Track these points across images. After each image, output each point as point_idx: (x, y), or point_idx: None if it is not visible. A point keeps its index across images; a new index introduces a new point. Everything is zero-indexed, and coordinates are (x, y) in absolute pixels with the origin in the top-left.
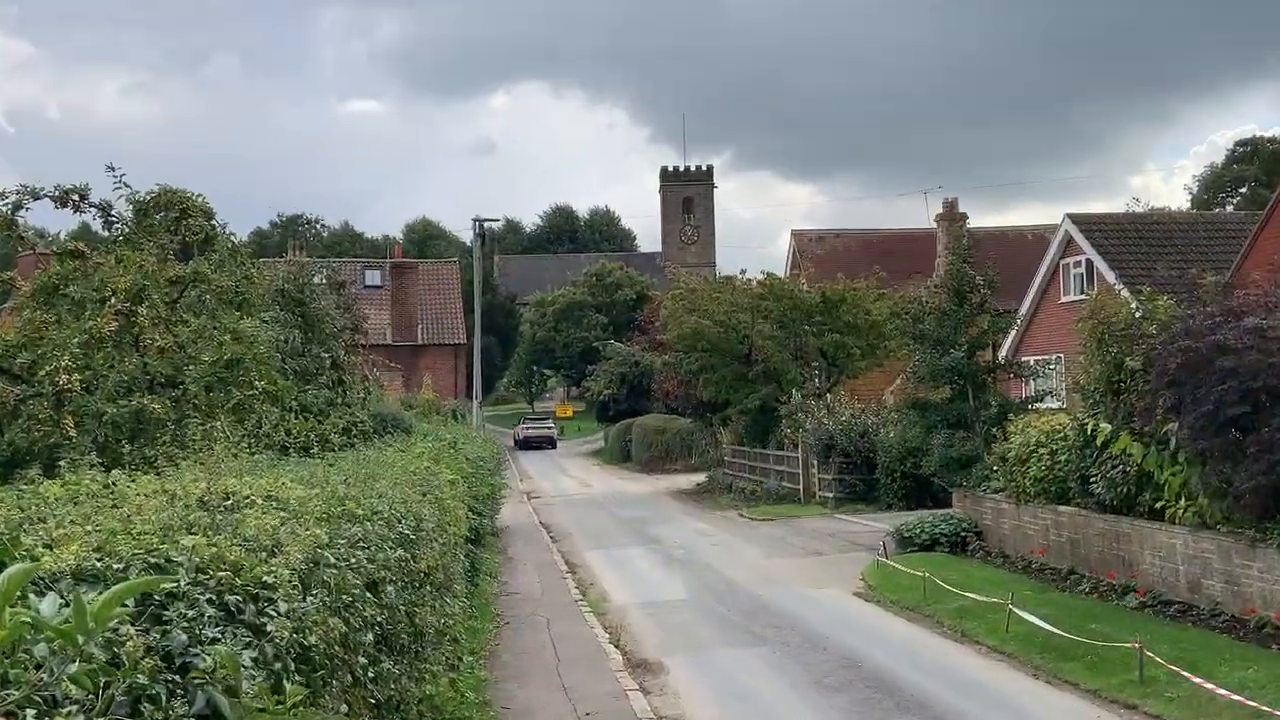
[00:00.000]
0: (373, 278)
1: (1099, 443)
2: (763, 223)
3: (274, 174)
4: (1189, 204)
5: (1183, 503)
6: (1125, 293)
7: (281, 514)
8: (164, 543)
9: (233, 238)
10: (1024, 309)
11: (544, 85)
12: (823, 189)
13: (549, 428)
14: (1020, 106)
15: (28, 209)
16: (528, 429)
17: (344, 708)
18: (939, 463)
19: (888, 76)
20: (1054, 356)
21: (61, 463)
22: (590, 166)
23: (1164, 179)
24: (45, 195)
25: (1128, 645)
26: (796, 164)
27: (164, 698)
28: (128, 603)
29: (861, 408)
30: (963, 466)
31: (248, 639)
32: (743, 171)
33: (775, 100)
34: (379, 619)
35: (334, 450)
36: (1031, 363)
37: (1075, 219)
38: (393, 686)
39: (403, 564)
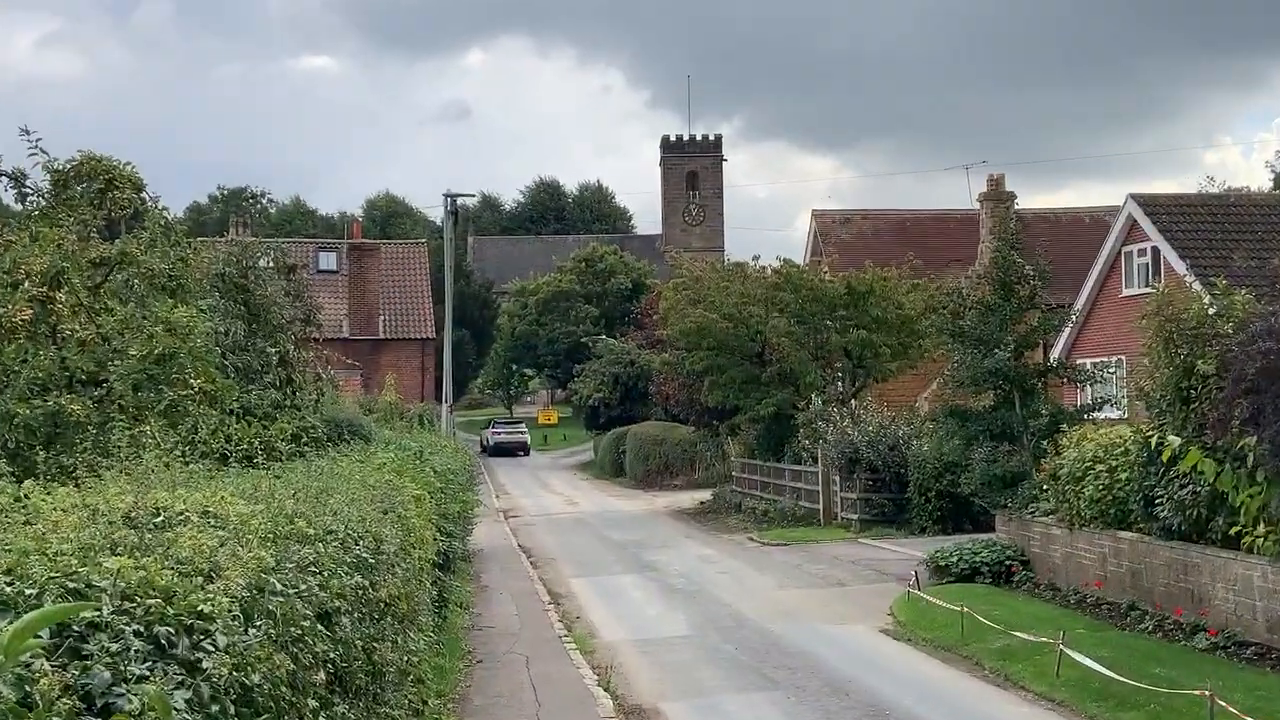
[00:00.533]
0: (328, 261)
1: (1165, 459)
2: (778, 201)
3: (214, 140)
4: (1271, 184)
5: (1261, 528)
6: (1197, 285)
7: (220, 533)
8: (84, 565)
9: (166, 213)
10: (1080, 303)
11: (527, 41)
12: (847, 162)
13: (522, 432)
14: (1078, 67)
15: None
16: (498, 433)
17: None
18: (980, 480)
19: (923, 32)
20: (1114, 359)
21: None
22: (581, 135)
23: (1243, 154)
24: None
25: (1196, 692)
26: (817, 133)
27: None
28: (41, 634)
29: (891, 416)
30: (1007, 485)
31: (180, 677)
32: (755, 142)
33: (793, 59)
34: (332, 655)
35: (281, 460)
36: (1088, 366)
37: (1140, 199)
38: None
39: (360, 592)
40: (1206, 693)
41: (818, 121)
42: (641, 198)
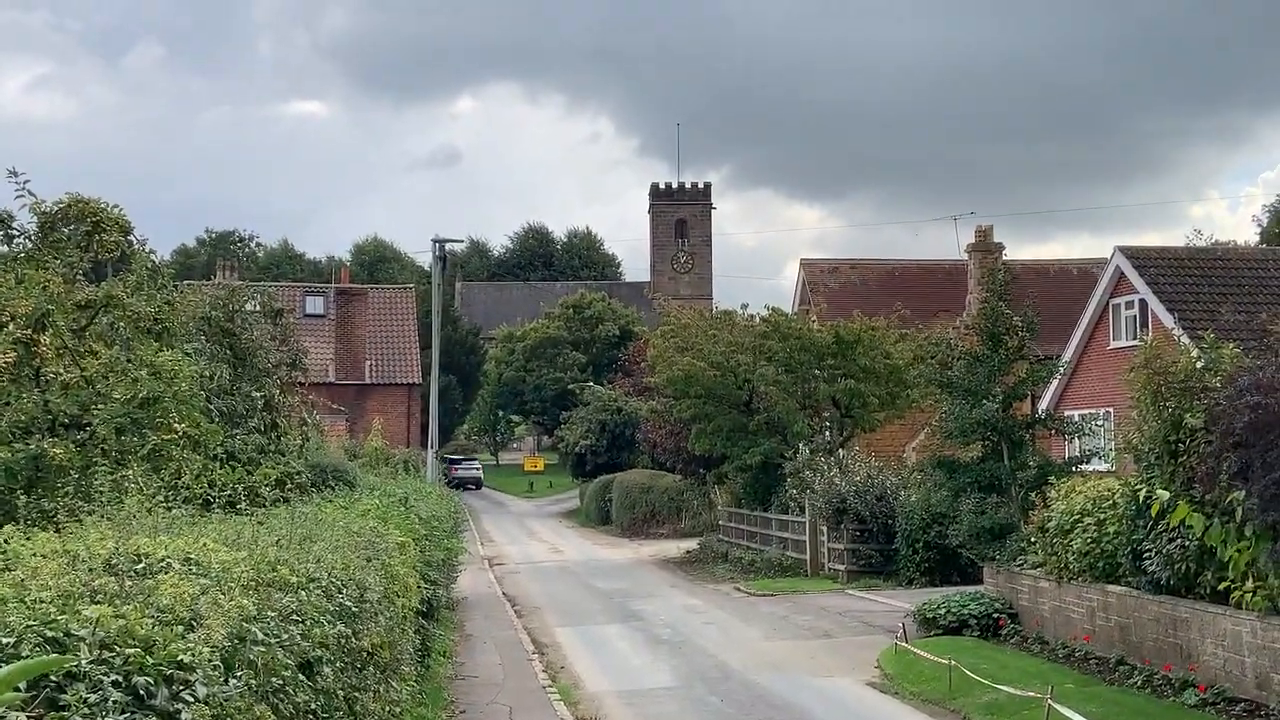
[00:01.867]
0: (315, 305)
1: (1154, 512)
2: (767, 250)
3: (203, 184)
4: (1258, 238)
5: (1250, 584)
6: (1185, 339)
7: (202, 581)
8: (63, 613)
9: (153, 256)
10: (1068, 355)
11: (517, 88)
12: (835, 211)
13: (476, 469)
14: (1067, 120)
15: None
16: (456, 469)
17: None
18: (968, 532)
19: (910, 82)
20: (1102, 411)
21: None
22: (569, 182)
23: (1230, 208)
24: None
25: None
26: (806, 182)
27: None
28: (19, 686)
29: (879, 466)
30: (996, 537)
31: None
32: (744, 190)
33: (781, 109)
34: (314, 706)
35: (265, 506)
36: (1076, 418)
37: (1128, 252)
38: None
39: (343, 641)
40: None
41: (806, 170)
42: (630, 244)
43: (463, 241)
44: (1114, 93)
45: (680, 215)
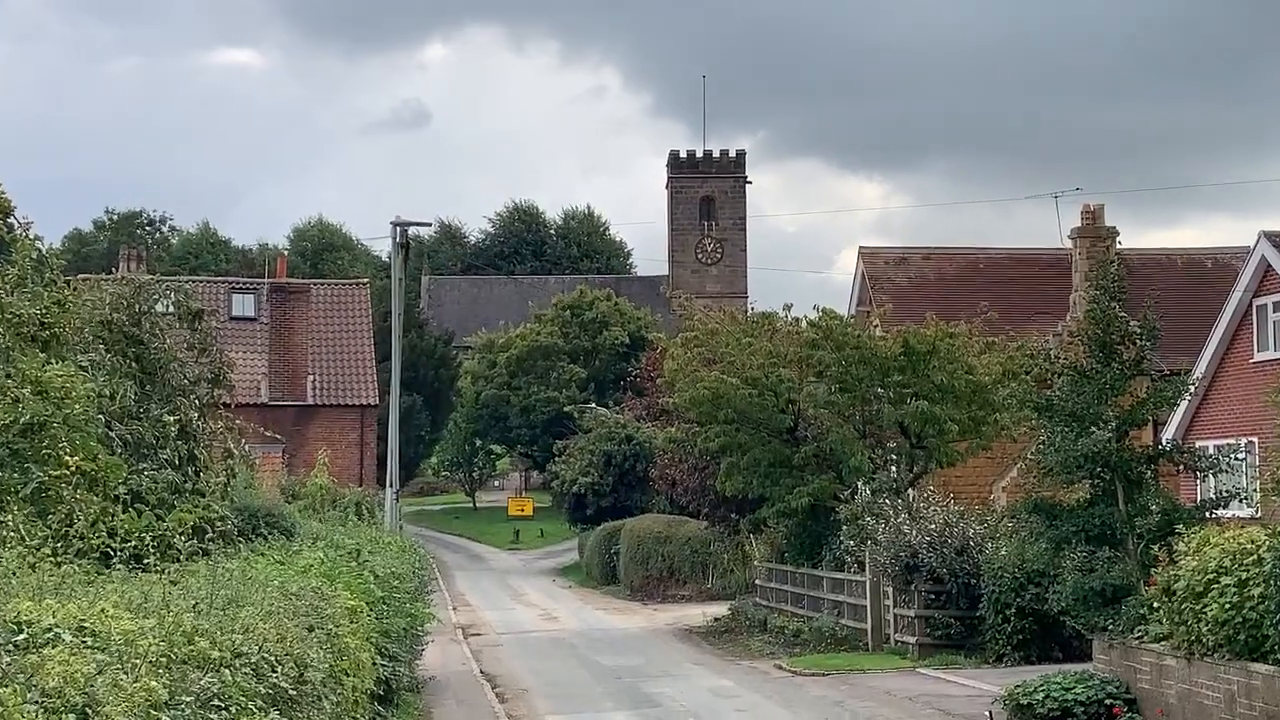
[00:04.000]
0: (243, 305)
1: None
2: (815, 236)
3: (103, 153)
4: None
5: None
6: None
7: (100, 657)
8: None
9: (39, 244)
10: (1200, 370)
11: (500, 31)
12: (901, 186)
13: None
14: (1200, 71)
15: None
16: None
17: None
18: (1073, 595)
19: (997, 23)
20: (1243, 441)
21: None
22: (566, 149)
23: None
24: None
25: None
26: (861, 149)
27: None
28: None
29: (960, 511)
30: (1108, 601)
31: None
32: (784, 160)
33: (831, 57)
34: None
35: (180, 561)
36: (1210, 449)
37: (1276, 239)
38: None
39: None
40: None
41: (863, 135)
42: (643, 229)
43: (431, 225)
44: (1263, 41)
45: (706, 191)
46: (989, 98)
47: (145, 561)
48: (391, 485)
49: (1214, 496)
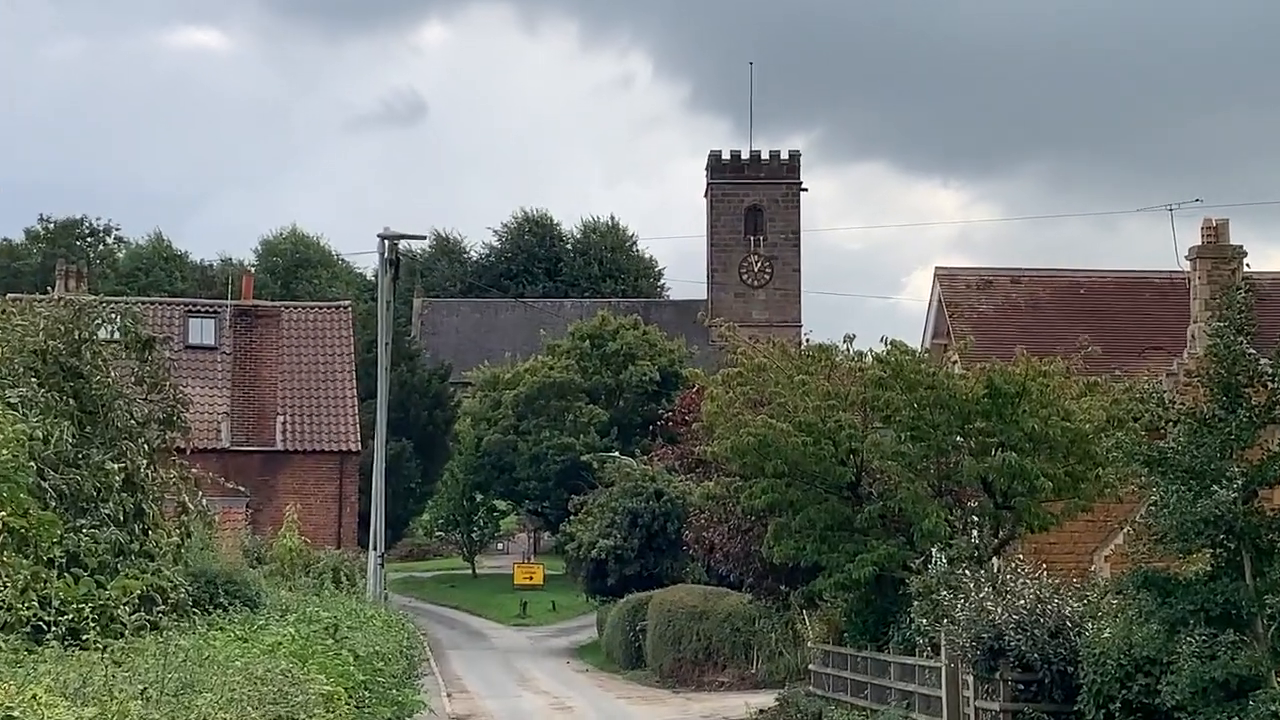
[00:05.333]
0: (202, 332)
1: None
2: (881, 254)
3: (39, 152)
4: None
5: None
6: None
7: None
8: None
9: None
10: None
11: (508, 9)
12: (982, 195)
13: None
14: None
15: None
16: None
17: None
18: (1190, 686)
19: (1099, 9)
20: None
21: None
22: (586, 150)
23: None
24: None
25: None
26: (935, 151)
27: None
28: None
29: (1054, 584)
30: (1233, 695)
31: None
32: (841, 163)
33: (899, 42)
34: None
35: (124, 635)
36: None
37: None
38: None
39: None
40: None
41: (938, 134)
42: (676, 244)
43: (425, 238)
44: None
45: (753, 200)
46: (1089, 92)
47: (84, 637)
48: (376, 547)
49: None
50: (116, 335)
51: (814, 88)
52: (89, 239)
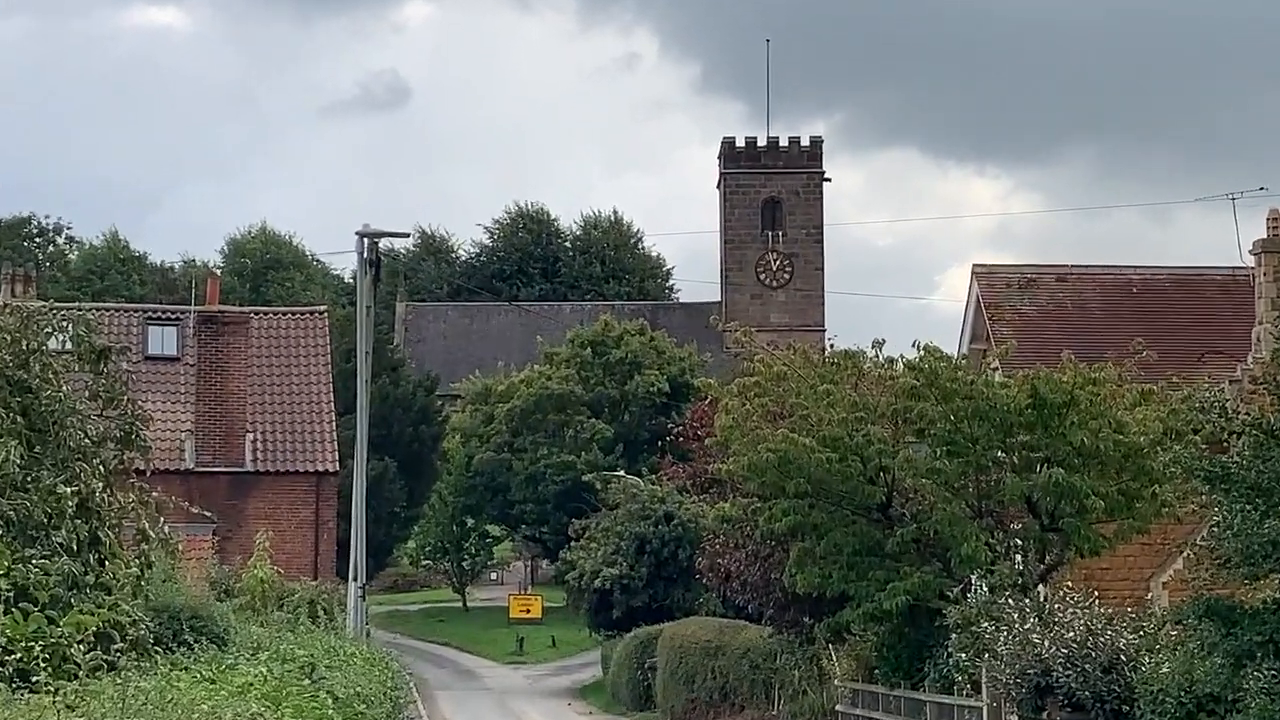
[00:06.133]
0: (163, 341)
1: None
2: (912, 249)
3: None
4: None
5: None
6: None
7: None
8: None
9: None
10: None
11: None
12: (1024, 184)
13: None
14: None
15: None
16: None
17: None
18: None
19: None
20: None
21: None
22: (586, 137)
23: None
24: None
25: None
26: (970, 137)
27: None
28: None
29: (1107, 614)
30: None
31: None
32: (866, 149)
33: (927, 20)
34: None
35: (78, 677)
36: None
37: None
38: None
39: None
40: None
41: (973, 117)
42: (687, 241)
43: (409, 235)
44: None
45: (771, 192)
46: (1141, 67)
47: (34, 679)
48: (356, 578)
49: None
50: (68, 345)
51: (836, 67)
52: (37, 239)
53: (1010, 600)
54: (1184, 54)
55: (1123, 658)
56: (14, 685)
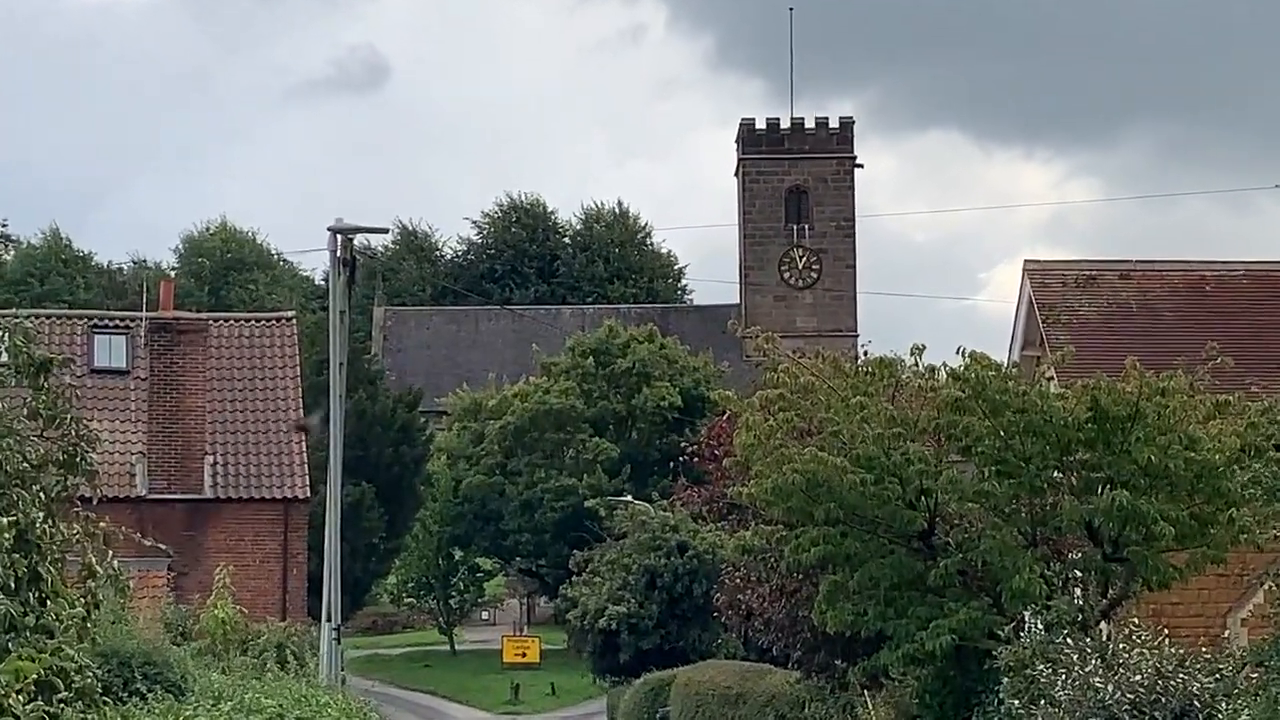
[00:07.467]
0: (111, 351)
1: None
2: (955, 242)
3: None
4: None
5: None
6: None
7: None
8: None
9: None
10: None
11: None
12: (1080, 168)
13: None
14: None
15: None
16: None
17: None
18: None
19: None
20: None
21: None
22: (586, 120)
23: None
24: None
25: None
26: (1022, 116)
27: None
28: None
29: (1179, 653)
30: None
31: None
32: (900, 132)
33: None
34: None
35: None
36: None
37: None
38: None
39: None
40: None
41: (1022, 95)
42: (701, 236)
43: (388, 231)
44: None
45: (795, 179)
46: (1212, 38)
47: None
48: (330, 618)
49: None
50: (3, 357)
51: (867, 38)
52: None
53: (1069, 639)
54: (1263, 21)
55: (1196, 704)
56: None
